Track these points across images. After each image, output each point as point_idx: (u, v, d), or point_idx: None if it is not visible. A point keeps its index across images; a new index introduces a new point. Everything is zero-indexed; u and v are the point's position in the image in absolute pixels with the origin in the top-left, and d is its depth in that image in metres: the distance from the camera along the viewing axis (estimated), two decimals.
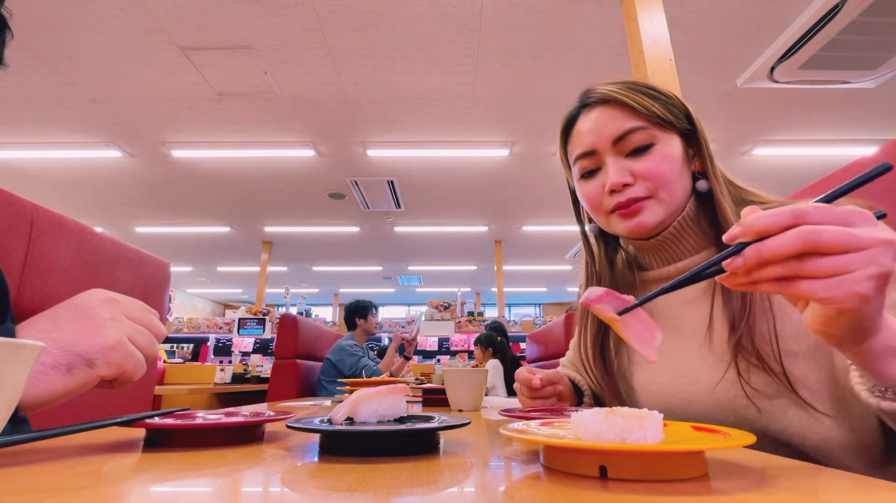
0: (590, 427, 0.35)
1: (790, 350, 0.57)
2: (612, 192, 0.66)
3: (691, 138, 0.69)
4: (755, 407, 0.57)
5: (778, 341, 0.57)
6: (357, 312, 3.14)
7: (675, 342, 0.68)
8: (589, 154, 0.69)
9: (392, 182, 4.97)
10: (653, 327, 0.40)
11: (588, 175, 0.70)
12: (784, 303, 0.59)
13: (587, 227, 0.80)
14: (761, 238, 0.35)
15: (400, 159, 4.54)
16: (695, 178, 0.68)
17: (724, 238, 0.36)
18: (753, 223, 0.34)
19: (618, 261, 0.79)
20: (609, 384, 0.75)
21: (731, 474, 0.34)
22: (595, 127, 0.68)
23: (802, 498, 0.27)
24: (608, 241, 0.79)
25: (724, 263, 0.36)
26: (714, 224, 0.67)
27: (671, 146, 0.66)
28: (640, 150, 0.65)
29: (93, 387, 0.45)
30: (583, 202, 0.73)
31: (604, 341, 0.77)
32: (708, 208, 0.67)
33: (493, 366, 3.31)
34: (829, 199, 0.36)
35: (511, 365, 3.45)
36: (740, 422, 0.59)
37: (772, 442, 0.57)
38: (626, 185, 0.65)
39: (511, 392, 3.25)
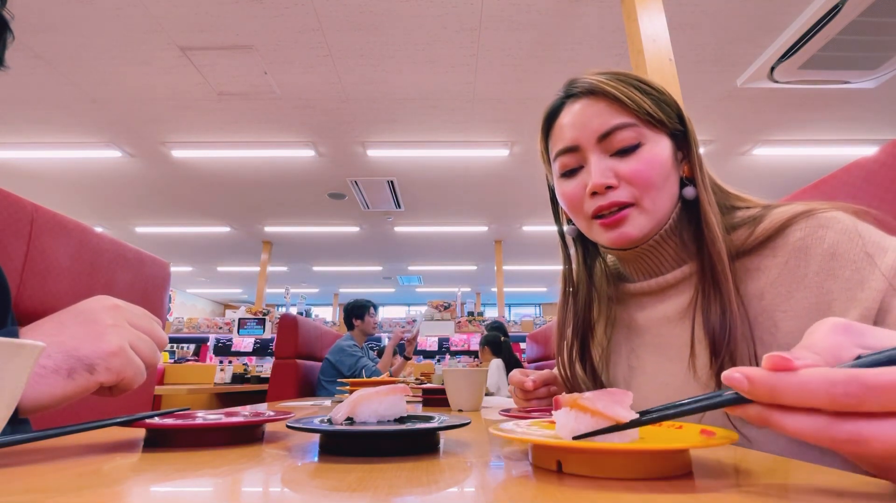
0: (565, 424, 0.36)
1: None
2: (594, 194, 0.61)
3: (681, 140, 0.64)
4: (745, 437, 0.54)
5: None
6: (354, 313, 3.13)
7: (660, 362, 0.65)
8: (571, 150, 0.63)
9: (392, 182, 4.97)
10: (622, 392, 0.38)
11: (569, 174, 0.65)
12: (767, 327, 0.55)
13: (566, 229, 0.74)
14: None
15: (400, 159, 4.54)
16: (682, 185, 0.63)
17: (724, 378, 0.27)
18: (772, 391, 0.25)
19: (596, 270, 0.74)
20: None
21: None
22: (579, 121, 0.63)
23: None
24: (587, 246, 0.74)
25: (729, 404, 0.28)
26: (697, 235, 0.61)
27: (660, 148, 0.61)
28: (627, 151, 0.60)
29: (92, 393, 0.45)
30: (562, 202, 0.68)
31: (585, 353, 0.73)
32: (692, 217, 0.62)
33: (497, 366, 3.30)
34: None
35: (508, 366, 3.45)
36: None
37: None
38: (609, 188, 0.60)
39: None
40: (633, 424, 0.33)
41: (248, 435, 0.49)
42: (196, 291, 10.78)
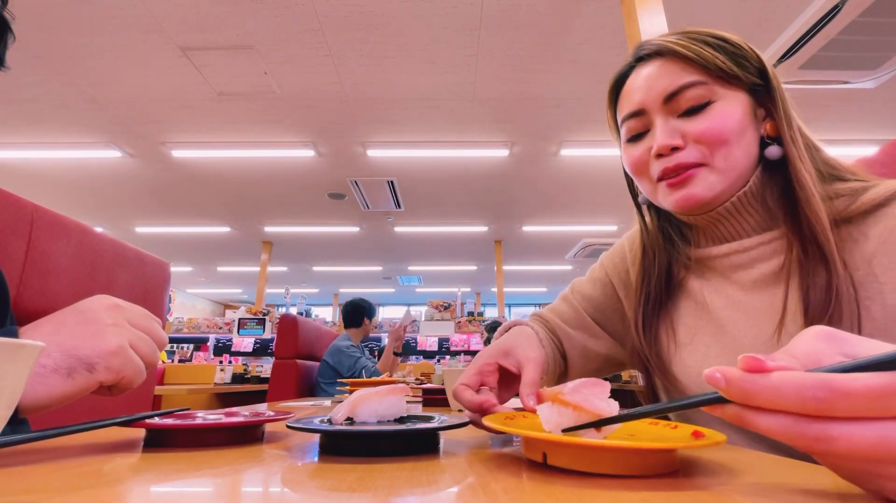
0: (548, 418, 0.37)
1: None
2: (659, 156, 0.58)
3: (763, 96, 0.59)
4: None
5: None
6: (366, 312, 3.11)
7: (732, 328, 0.59)
8: (637, 114, 0.60)
9: (392, 182, 4.97)
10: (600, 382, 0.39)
11: (635, 138, 0.62)
12: (873, 293, 0.50)
13: (640, 198, 0.70)
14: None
15: (400, 159, 4.54)
16: (765, 145, 0.58)
17: (706, 377, 0.26)
18: (746, 393, 0.25)
19: (672, 234, 0.69)
20: (649, 371, 0.67)
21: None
22: (645, 84, 0.59)
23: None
24: (660, 210, 0.69)
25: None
26: (785, 199, 0.56)
27: (733, 104, 0.56)
28: (696, 110, 0.56)
29: (92, 392, 0.45)
30: (627, 167, 0.65)
31: (656, 319, 0.68)
32: (778, 181, 0.57)
33: None
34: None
35: None
36: None
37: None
38: (675, 149, 0.57)
39: None
40: (613, 420, 0.35)
41: (248, 435, 0.49)
42: (196, 291, 10.78)
